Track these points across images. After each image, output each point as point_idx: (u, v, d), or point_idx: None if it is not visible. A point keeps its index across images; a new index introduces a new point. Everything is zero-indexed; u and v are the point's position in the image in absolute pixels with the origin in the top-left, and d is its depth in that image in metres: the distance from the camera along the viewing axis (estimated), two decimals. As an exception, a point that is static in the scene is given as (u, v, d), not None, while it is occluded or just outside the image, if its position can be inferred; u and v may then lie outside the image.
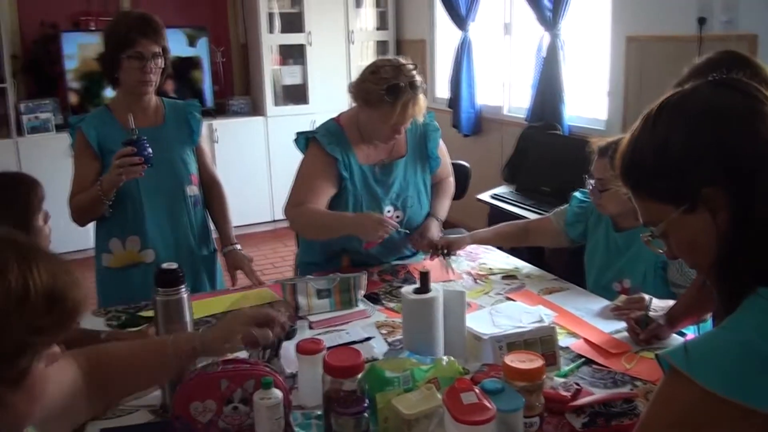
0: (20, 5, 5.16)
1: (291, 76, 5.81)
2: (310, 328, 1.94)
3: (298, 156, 2.38)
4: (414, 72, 2.19)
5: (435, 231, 2.41)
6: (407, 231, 2.33)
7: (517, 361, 1.36)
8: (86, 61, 4.95)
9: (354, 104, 2.31)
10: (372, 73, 2.20)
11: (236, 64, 6.03)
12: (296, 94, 5.83)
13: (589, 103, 4.27)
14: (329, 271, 2.26)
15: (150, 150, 2.08)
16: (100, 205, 2.16)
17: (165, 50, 2.24)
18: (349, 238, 2.29)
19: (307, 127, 2.69)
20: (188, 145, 2.37)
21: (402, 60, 2.22)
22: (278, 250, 5.40)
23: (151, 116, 2.32)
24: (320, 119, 2.48)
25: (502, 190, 4.20)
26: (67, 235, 2.47)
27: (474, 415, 1.19)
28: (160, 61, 2.23)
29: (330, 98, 5.40)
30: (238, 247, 2.41)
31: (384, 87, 2.14)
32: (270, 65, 5.69)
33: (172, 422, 1.43)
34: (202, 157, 2.43)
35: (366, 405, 1.29)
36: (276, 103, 5.75)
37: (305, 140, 2.35)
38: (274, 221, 5.78)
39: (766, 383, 0.77)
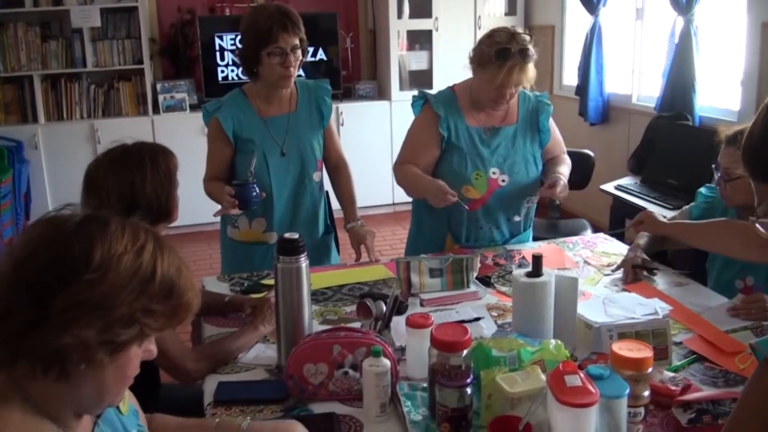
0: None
1: (417, 61, 5.86)
2: (421, 305, 1.99)
3: None
4: (528, 41, 2.25)
5: (562, 183, 2.38)
6: (467, 207, 2.35)
7: (626, 349, 1.35)
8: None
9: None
10: (488, 37, 2.30)
11: (364, 50, 6.16)
12: (422, 79, 5.87)
13: (722, 92, 4.03)
14: (439, 253, 2.31)
15: (255, 193, 2.22)
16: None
17: (302, 41, 2.30)
18: (449, 221, 2.41)
19: None
20: (318, 129, 2.47)
21: (519, 29, 2.31)
22: (397, 232, 5.50)
23: (285, 104, 2.42)
24: (412, 106, 2.55)
25: (626, 181, 4.07)
26: (197, 206, 2.66)
27: (577, 397, 1.20)
28: (299, 53, 2.30)
29: (454, 81, 5.39)
30: (361, 222, 2.50)
31: (495, 49, 2.22)
32: (397, 51, 5.78)
33: (286, 381, 1.54)
34: (331, 138, 2.53)
35: (470, 380, 1.33)
36: (401, 88, 5.83)
37: (421, 103, 2.47)
38: (394, 204, 5.88)
39: None
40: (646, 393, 1.32)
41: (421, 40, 5.85)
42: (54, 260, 0.88)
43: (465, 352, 1.42)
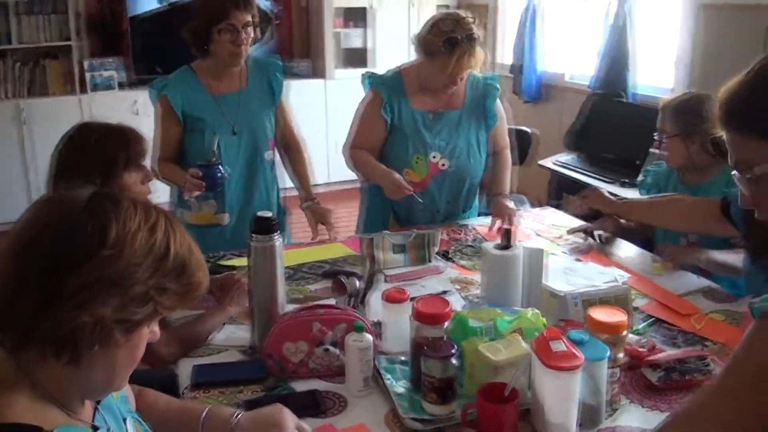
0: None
1: (353, 39, 5.83)
2: (386, 281, 2.01)
3: None
4: (473, 25, 2.28)
5: (509, 205, 2.45)
6: (421, 201, 2.39)
7: (602, 314, 1.40)
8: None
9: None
10: (433, 25, 2.31)
11: (297, 27, 6.08)
12: (358, 58, 5.85)
13: (656, 71, 4.20)
14: (401, 229, 2.34)
15: (220, 174, 2.17)
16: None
17: (254, 18, 2.27)
18: (392, 202, 2.44)
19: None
20: (270, 107, 2.44)
21: (462, 14, 2.34)
22: (335, 212, 5.49)
23: (236, 81, 2.38)
24: (362, 84, 2.56)
25: (564, 157, 4.20)
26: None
27: (563, 361, 1.25)
28: (251, 31, 2.26)
29: (392, 62, 5.37)
30: (317, 201, 2.49)
31: (442, 39, 2.24)
32: (332, 28, 5.72)
33: (265, 360, 1.53)
34: (284, 116, 2.50)
35: (455, 350, 1.35)
36: (337, 66, 5.79)
37: (369, 83, 2.48)
38: (328, 183, 5.87)
39: None
40: (621, 355, 1.39)
41: (356, 17, 5.82)
42: (67, 238, 0.84)
43: (447, 324, 1.45)
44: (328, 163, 5.77)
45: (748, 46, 3.37)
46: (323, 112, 5.77)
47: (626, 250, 2.29)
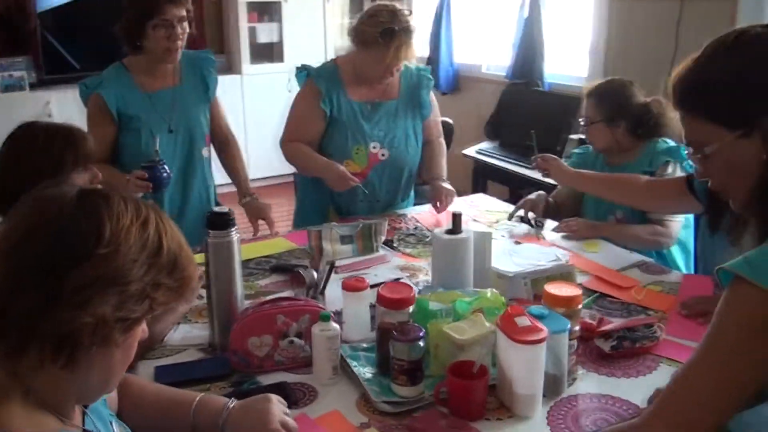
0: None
1: (266, 33, 5.77)
2: (336, 272, 2.02)
3: (274, 114, 2.50)
4: (408, 18, 2.33)
5: (447, 186, 2.52)
6: (366, 191, 2.44)
7: (557, 289, 1.48)
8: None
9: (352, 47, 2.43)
10: (369, 16, 2.33)
11: (209, 22, 5.95)
12: (272, 52, 5.80)
13: (570, 61, 4.39)
14: (347, 220, 2.36)
15: (166, 174, 2.13)
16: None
17: (189, 13, 2.23)
18: (331, 194, 2.45)
19: (282, 86, 2.78)
20: (204, 103, 2.41)
21: (398, 6, 2.37)
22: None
23: (170, 77, 2.33)
24: (294, 78, 2.57)
25: (485, 146, 4.33)
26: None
27: (529, 335, 1.31)
28: (186, 26, 2.22)
29: (306, 56, 5.36)
30: (256, 196, 2.47)
31: (379, 30, 2.27)
32: (244, 23, 5.64)
33: (230, 357, 1.52)
34: (217, 111, 2.47)
35: (422, 333, 1.39)
36: (251, 62, 5.71)
37: (304, 76, 2.47)
38: (230, 184, 5.79)
39: None
40: (577, 327, 1.47)
41: (270, 11, 5.76)
42: (62, 236, 0.82)
43: (411, 308, 1.49)
44: (247, 158, 5.69)
45: (658, 36, 3.58)
46: (239, 107, 5.67)
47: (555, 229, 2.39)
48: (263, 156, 4.78)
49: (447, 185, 2.52)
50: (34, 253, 0.82)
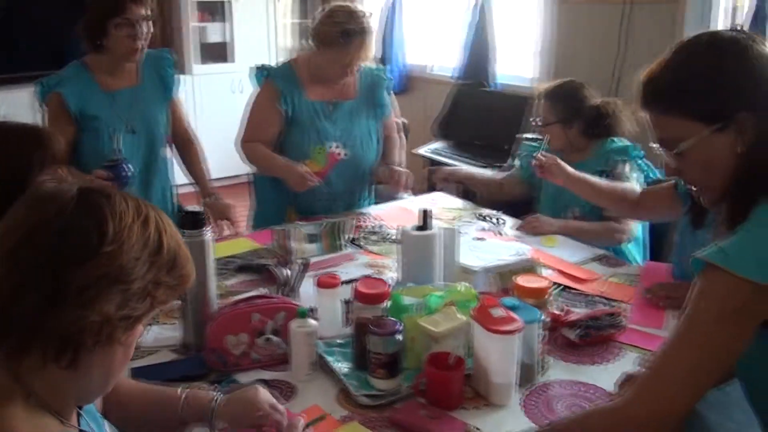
0: None
1: (214, 33, 5.71)
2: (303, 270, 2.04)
3: (224, 115, 2.49)
4: (366, 18, 2.36)
5: (402, 169, 2.56)
6: (326, 191, 2.46)
7: (527, 281, 1.54)
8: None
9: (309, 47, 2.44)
10: (328, 17, 2.36)
11: (156, 22, 5.84)
12: (219, 53, 5.74)
13: (518, 62, 4.49)
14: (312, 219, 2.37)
15: (129, 172, 2.10)
16: None
17: (152, 12, 2.21)
18: (289, 193, 2.44)
19: (230, 86, 2.78)
20: (164, 102, 2.38)
21: (355, 6, 2.41)
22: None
23: (129, 77, 2.30)
24: (245, 78, 2.58)
25: (437, 145, 4.39)
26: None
27: (505, 326, 1.36)
28: (148, 25, 2.19)
29: (255, 56, 5.36)
30: (217, 196, 2.46)
31: (338, 30, 2.30)
32: (192, 22, 5.58)
33: (206, 356, 1.52)
34: (177, 110, 2.44)
35: (399, 326, 1.43)
36: (198, 62, 5.65)
37: (262, 76, 2.48)
38: (190, 184, 5.72)
39: None
40: (548, 317, 1.52)
41: (218, 10, 5.70)
42: (65, 236, 0.82)
43: (386, 303, 1.52)
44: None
45: (605, 39, 3.71)
46: (189, 108, 5.57)
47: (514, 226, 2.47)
48: (213, 157, 4.70)
49: (403, 169, 2.54)
50: (37, 252, 0.81)
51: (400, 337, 1.42)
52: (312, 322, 1.50)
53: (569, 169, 2.14)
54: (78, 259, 0.81)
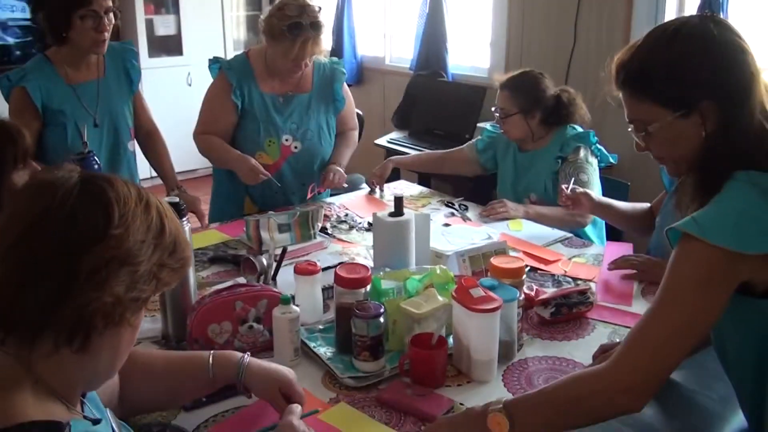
0: None
1: (164, 25, 5.61)
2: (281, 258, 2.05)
3: (175, 109, 2.51)
4: (317, 13, 2.35)
5: (337, 168, 2.56)
6: (279, 184, 2.48)
7: (503, 262, 1.59)
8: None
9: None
10: (278, 9, 2.34)
11: (102, 14, 5.72)
12: (170, 45, 5.65)
13: (473, 52, 4.56)
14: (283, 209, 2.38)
15: (97, 166, 2.08)
16: None
17: (114, 3, 2.18)
18: (246, 185, 2.45)
19: (182, 79, 2.76)
20: (128, 95, 2.36)
21: (308, 1, 2.38)
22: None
23: (93, 69, 2.27)
24: (195, 71, 2.58)
25: (395, 135, 4.43)
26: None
27: (485, 304, 1.41)
28: (112, 17, 2.17)
29: (205, 49, 5.30)
30: (184, 189, 2.45)
31: (287, 24, 2.28)
32: (143, 15, 5.47)
33: (190, 345, 1.53)
34: (141, 104, 2.42)
35: (383, 309, 1.46)
36: (150, 55, 5.55)
37: (217, 68, 2.47)
38: (152, 178, 5.64)
39: (759, 235, 1.05)
40: (522, 297, 1.59)
41: (167, 3, 5.61)
42: (73, 221, 0.83)
43: (367, 287, 1.55)
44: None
45: (558, 29, 3.80)
46: (141, 102, 5.52)
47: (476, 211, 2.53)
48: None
49: (339, 168, 2.55)
50: (46, 240, 0.82)
51: (382, 319, 1.46)
52: (295, 308, 1.52)
53: (596, 198, 2.18)
54: (87, 243, 0.83)
